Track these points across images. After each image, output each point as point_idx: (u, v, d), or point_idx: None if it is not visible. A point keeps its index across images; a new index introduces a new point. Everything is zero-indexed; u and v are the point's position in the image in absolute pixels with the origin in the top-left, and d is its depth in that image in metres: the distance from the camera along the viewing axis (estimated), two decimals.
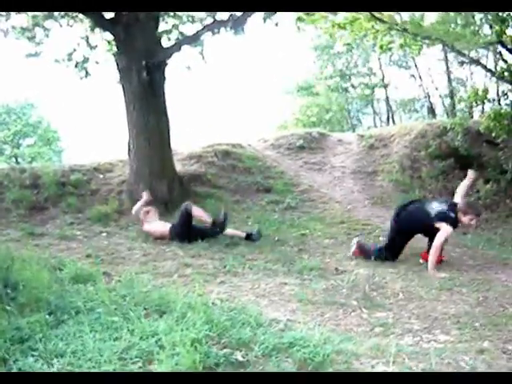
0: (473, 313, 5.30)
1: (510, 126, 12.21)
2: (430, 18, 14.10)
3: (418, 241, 9.28)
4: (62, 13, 11.49)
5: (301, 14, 12.89)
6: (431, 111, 28.25)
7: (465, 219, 7.42)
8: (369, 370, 3.57)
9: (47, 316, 4.16)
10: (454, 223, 7.38)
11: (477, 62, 15.32)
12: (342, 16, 13.81)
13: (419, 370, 3.59)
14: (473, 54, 14.74)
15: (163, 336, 3.60)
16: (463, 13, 12.49)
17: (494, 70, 15.11)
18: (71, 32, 12.12)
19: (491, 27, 13.11)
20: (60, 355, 3.48)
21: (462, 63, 18.63)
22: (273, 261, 7.53)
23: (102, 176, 12.17)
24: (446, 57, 24.36)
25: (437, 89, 28.05)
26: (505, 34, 12.29)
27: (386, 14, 13.49)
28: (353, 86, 32.00)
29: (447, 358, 3.96)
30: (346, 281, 6.38)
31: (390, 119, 31.26)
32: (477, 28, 12.78)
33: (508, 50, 13.24)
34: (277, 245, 8.73)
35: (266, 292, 5.93)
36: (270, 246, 8.51)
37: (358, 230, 9.93)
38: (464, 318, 5.09)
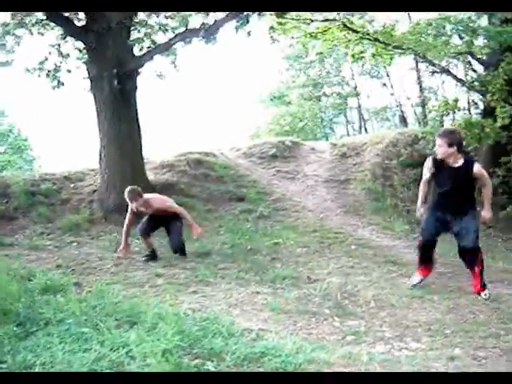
0: (444, 320, 5.33)
1: (480, 135, 12.35)
2: (402, 27, 14.26)
3: (390, 249, 9.37)
4: (33, 21, 11.40)
5: (273, 23, 12.95)
6: (403, 120, 28.50)
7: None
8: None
9: (16, 328, 4.11)
10: (434, 158, 6.45)
11: (447, 72, 15.46)
12: (313, 26, 13.89)
13: None
14: (444, 64, 14.84)
15: (134, 347, 3.57)
16: (434, 23, 12.63)
17: (464, 79, 15.27)
18: (42, 40, 12.00)
19: (461, 37, 13.28)
20: (29, 367, 3.43)
21: (432, 73, 18.81)
22: (245, 270, 7.52)
23: (72, 185, 12.06)
24: (418, 66, 24.61)
25: (409, 98, 28.33)
26: (474, 44, 12.45)
27: (357, 23, 13.61)
28: (325, 95, 32.16)
29: (418, 365, 3.98)
30: (318, 289, 6.39)
31: (363, 128, 31.49)
32: (447, 38, 12.90)
33: (477, 59, 13.42)
34: (249, 254, 8.71)
35: (238, 301, 5.91)
36: (242, 255, 8.50)
37: (331, 239, 9.95)
38: (435, 326, 5.13)
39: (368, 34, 13.29)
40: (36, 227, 10.29)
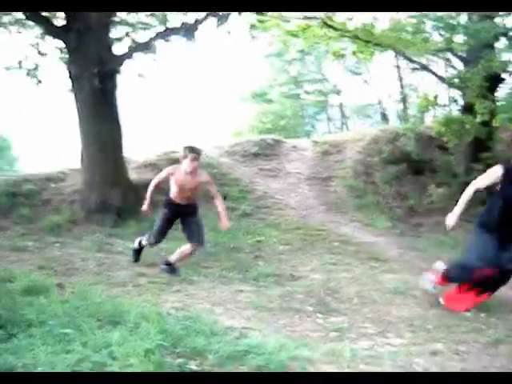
0: (426, 315, 5.38)
1: (460, 131, 12.44)
2: (382, 25, 14.30)
3: (372, 245, 9.41)
4: (12, 20, 11.31)
5: (254, 21, 12.94)
6: (384, 117, 28.59)
7: None
8: None
9: None
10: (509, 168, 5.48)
11: (427, 69, 15.55)
12: (294, 23, 13.89)
13: None
14: (424, 61, 14.94)
15: (116, 347, 3.55)
16: (414, 20, 12.69)
17: (444, 76, 15.37)
18: (21, 39, 11.90)
19: (441, 35, 13.36)
20: (10, 369, 3.40)
21: (413, 70, 18.92)
22: (228, 268, 7.53)
23: (54, 185, 11.97)
24: (398, 63, 24.71)
25: (390, 96, 28.43)
26: (453, 41, 12.53)
27: (337, 21, 13.64)
28: (306, 93, 32.17)
29: (401, 361, 4.01)
30: (301, 287, 6.41)
31: (344, 125, 31.54)
32: (427, 35, 12.96)
33: (457, 56, 13.51)
34: (232, 252, 8.73)
35: (221, 300, 5.91)
36: (225, 254, 8.51)
37: (314, 236, 9.98)
38: (417, 321, 5.17)
39: (348, 32, 13.33)
40: (17, 228, 10.18)
